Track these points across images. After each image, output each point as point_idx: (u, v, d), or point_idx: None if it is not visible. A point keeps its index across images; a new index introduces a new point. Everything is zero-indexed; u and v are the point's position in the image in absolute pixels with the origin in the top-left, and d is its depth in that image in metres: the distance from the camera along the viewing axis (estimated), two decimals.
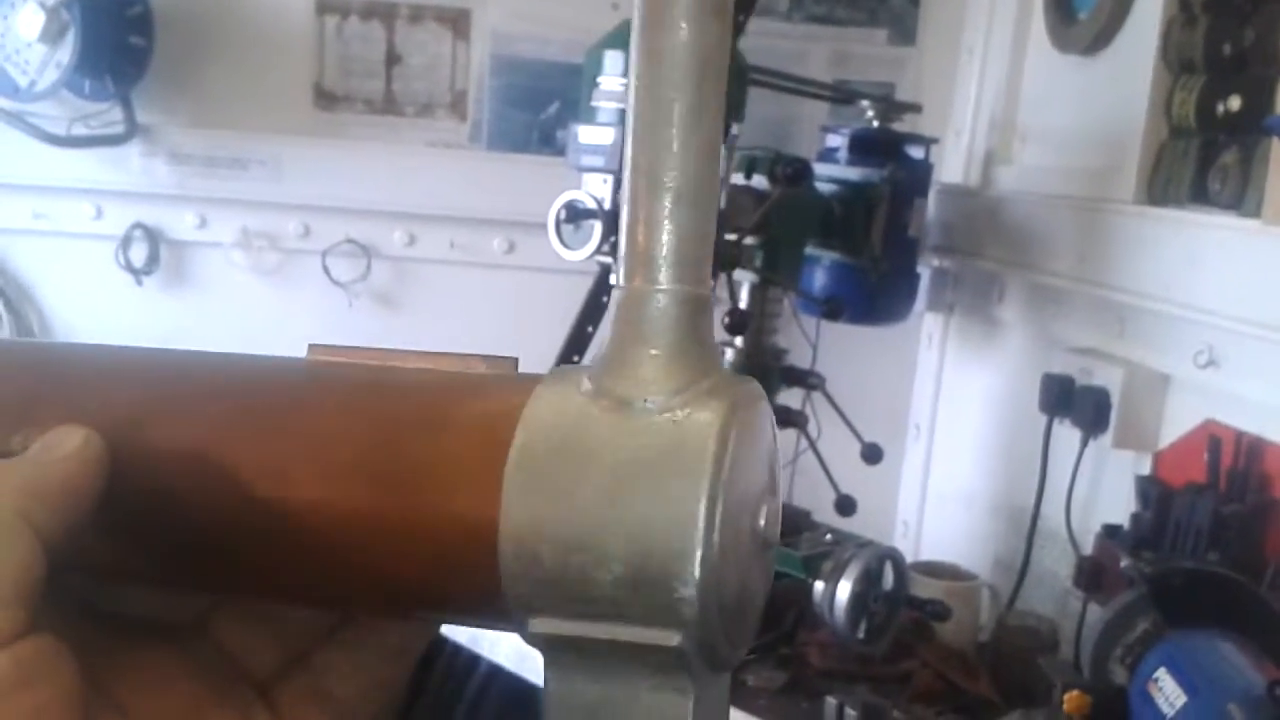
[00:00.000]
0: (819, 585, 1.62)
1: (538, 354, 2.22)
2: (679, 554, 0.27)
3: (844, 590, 1.59)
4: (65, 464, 0.30)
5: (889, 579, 1.67)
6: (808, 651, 1.70)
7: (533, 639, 0.29)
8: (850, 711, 1.50)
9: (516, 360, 0.35)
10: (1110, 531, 1.74)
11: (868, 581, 1.62)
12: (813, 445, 1.97)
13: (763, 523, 0.31)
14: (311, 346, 0.34)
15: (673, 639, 0.28)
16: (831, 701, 1.53)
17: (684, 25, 0.28)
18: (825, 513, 1.89)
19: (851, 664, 1.65)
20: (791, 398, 2.00)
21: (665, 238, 0.30)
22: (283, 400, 0.32)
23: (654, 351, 0.31)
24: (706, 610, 0.28)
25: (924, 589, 1.72)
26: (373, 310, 2.49)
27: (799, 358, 2.06)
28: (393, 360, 0.34)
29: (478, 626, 0.33)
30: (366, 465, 0.31)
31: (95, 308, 2.44)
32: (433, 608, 0.33)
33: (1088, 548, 1.82)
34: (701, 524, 0.27)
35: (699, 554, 0.27)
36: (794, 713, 1.58)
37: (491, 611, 0.30)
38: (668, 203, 0.30)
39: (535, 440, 0.29)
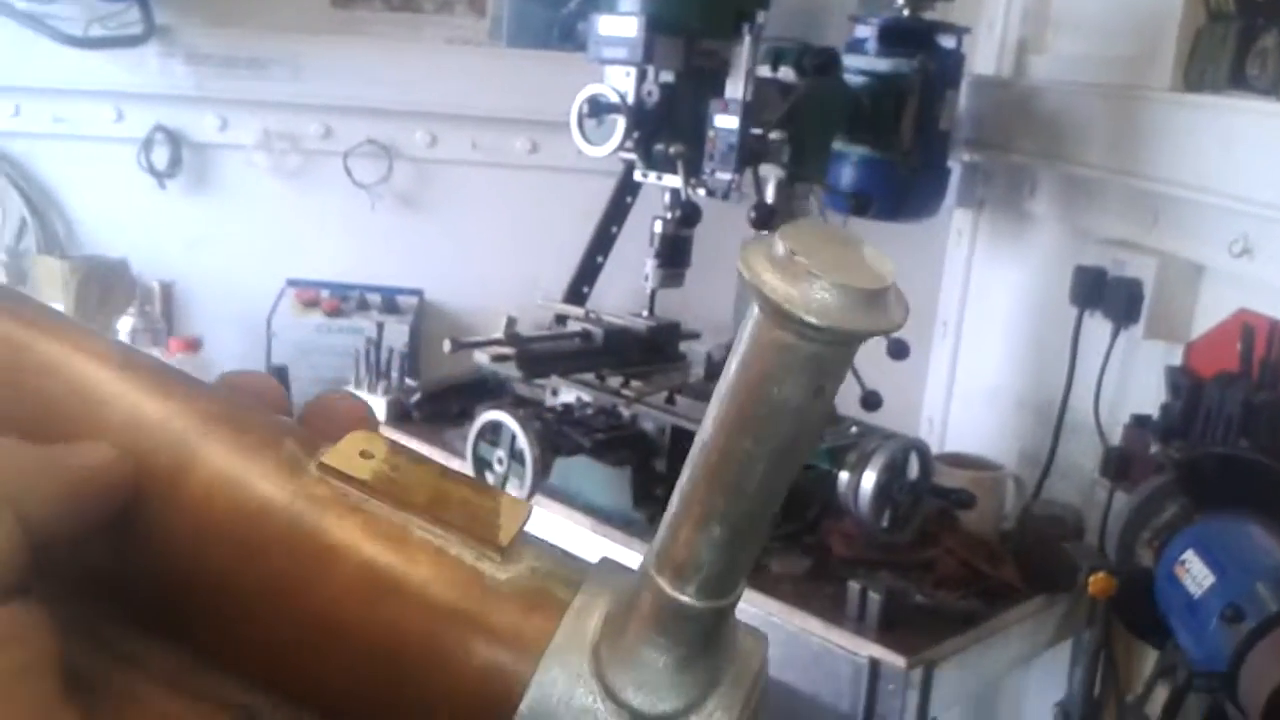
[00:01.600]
0: (844, 475, 1.62)
1: (561, 254, 2.21)
2: None
3: (869, 480, 1.59)
4: (78, 471, 0.29)
5: (914, 469, 1.67)
6: (831, 540, 1.70)
7: None
8: (873, 595, 1.51)
9: (530, 507, 0.33)
10: (1139, 422, 1.72)
11: (893, 471, 1.62)
12: None
13: None
14: (322, 464, 0.31)
15: None
16: (854, 586, 1.54)
17: (789, 393, 0.27)
18: (850, 408, 1.88)
19: (875, 552, 1.66)
20: None
21: (705, 556, 0.29)
22: (277, 566, 0.30)
23: (668, 659, 0.29)
24: None
25: (949, 479, 1.72)
26: (396, 212, 2.48)
27: None
28: (400, 499, 0.31)
29: None
30: (363, 690, 0.30)
31: (120, 212, 2.44)
32: None
33: (1116, 439, 1.81)
34: None
35: None
36: (817, 598, 1.59)
37: None
38: (718, 531, 0.29)
39: None
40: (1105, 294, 1.85)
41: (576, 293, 2.21)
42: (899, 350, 1.92)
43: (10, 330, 0.31)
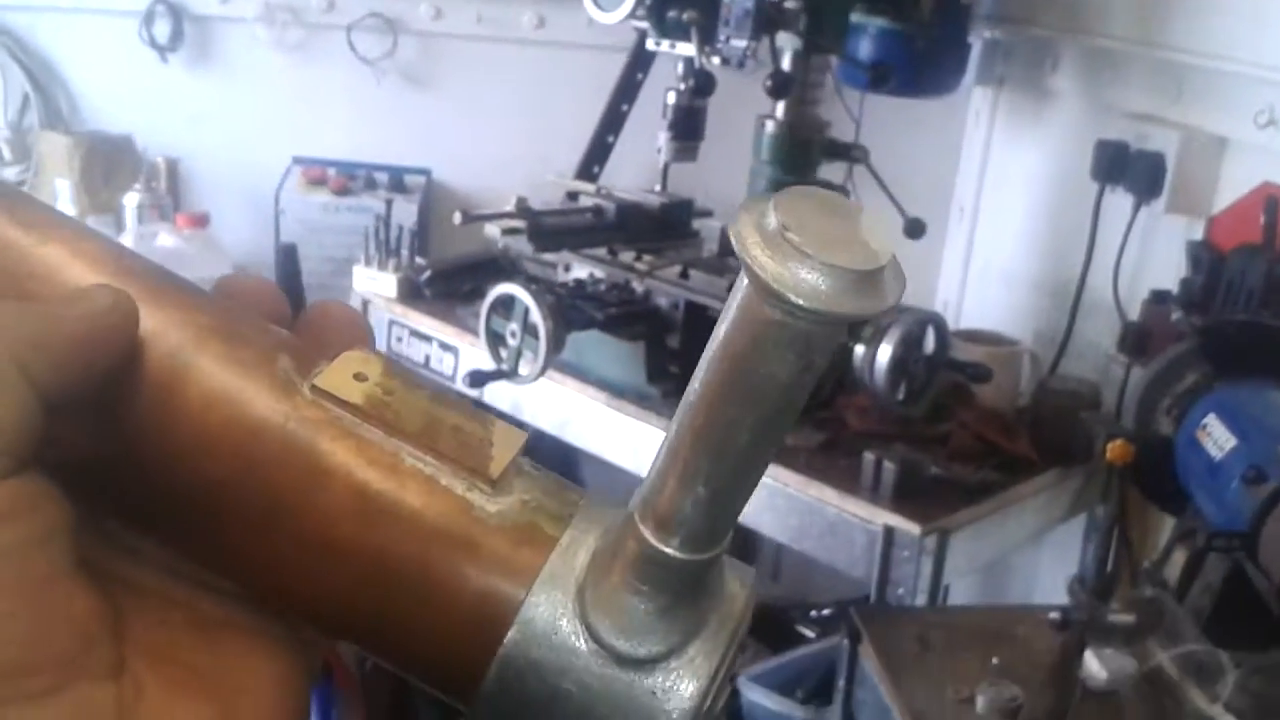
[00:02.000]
0: (859, 349, 1.60)
1: (570, 134, 2.17)
2: None
3: (884, 353, 1.58)
4: (82, 322, 0.28)
5: (930, 343, 1.65)
6: (846, 414, 1.70)
7: None
8: (888, 465, 1.51)
9: (526, 436, 0.32)
10: (1159, 297, 1.71)
11: (909, 345, 1.60)
12: None
13: None
14: (315, 387, 0.30)
15: None
16: (869, 457, 1.54)
17: (775, 368, 0.26)
18: None
19: (889, 425, 1.65)
20: (833, 172, 1.96)
21: (688, 512, 0.28)
22: (275, 477, 0.30)
23: (650, 606, 0.29)
24: None
25: (964, 354, 1.71)
26: (401, 89, 2.43)
27: (841, 133, 2.00)
28: (392, 425, 0.30)
29: None
30: (357, 610, 0.30)
31: (122, 87, 2.39)
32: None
33: (1134, 316, 1.79)
34: None
35: None
36: (832, 469, 1.59)
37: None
38: (702, 491, 0.28)
39: (518, 658, 0.29)
40: (1127, 169, 1.82)
41: (587, 172, 2.17)
42: (915, 229, 1.89)
43: (10, 234, 0.31)
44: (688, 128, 1.87)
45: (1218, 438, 1.23)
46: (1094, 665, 1.14)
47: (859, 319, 0.25)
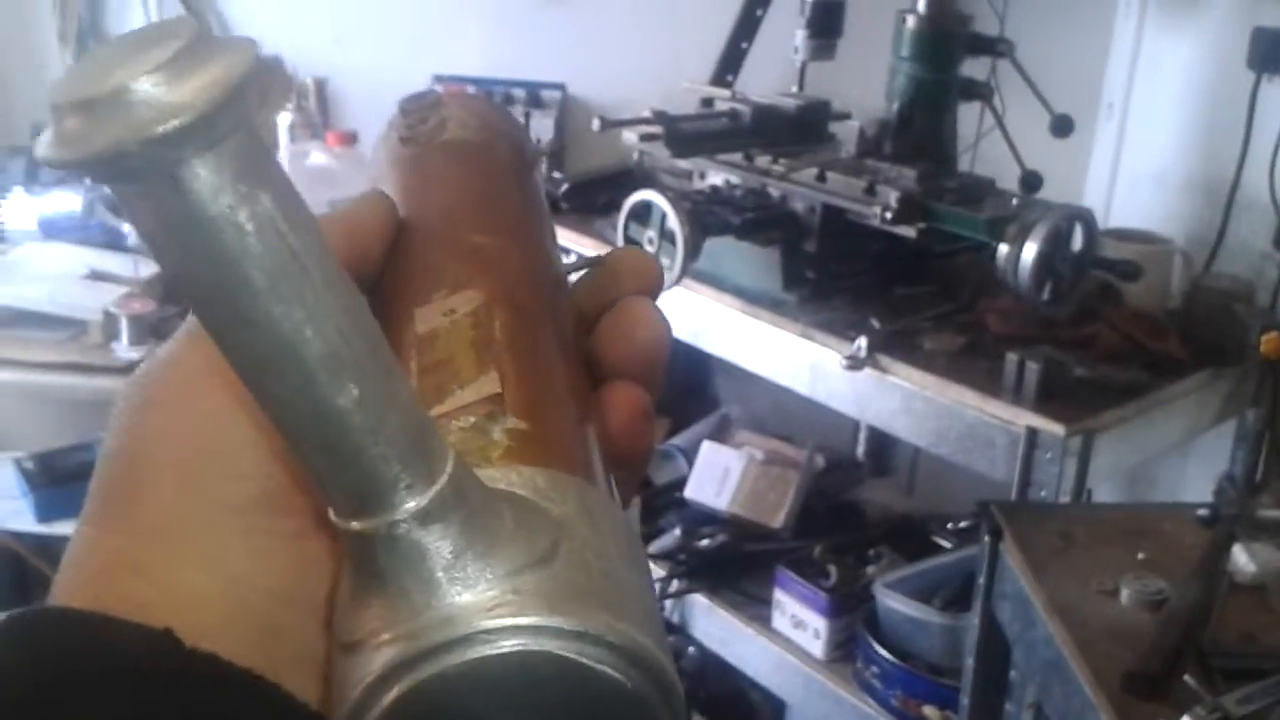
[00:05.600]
0: (1003, 248, 1.58)
1: (704, 43, 2.16)
2: None
3: (1030, 251, 1.55)
4: (356, 209, 0.35)
5: (1078, 240, 1.61)
6: (987, 318, 1.67)
7: None
8: (1031, 365, 1.48)
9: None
10: None
11: (1056, 242, 1.57)
12: (999, 121, 1.89)
13: None
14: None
15: None
16: (1012, 358, 1.51)
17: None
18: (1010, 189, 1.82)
19: (1034, 328, 1.62)
20: (977, 68, 1.90)
21: (344, 465, 0.24)
22: None
23: (375, 600, 0.25)
24: None
25: (1114, 252, 1.66)
26: (535, 4, 2.45)
27: (985, 27, 1.94)
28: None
29: None
30: None
31: (269, 9, 2.46)
32: None
33: None
34: None
35: None
36: (972, 372, 1.57)
37: None
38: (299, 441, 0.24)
39: None
40: None
41: (721, 80, 2.16)
42: (1063, 126, 1.84)
43: None
44: (826, 24, 1.85)
45: None
46: (1242, 559, 1.12)
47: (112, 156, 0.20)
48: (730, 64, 2.18)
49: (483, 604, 0.24)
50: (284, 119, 2.27)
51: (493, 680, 0.24)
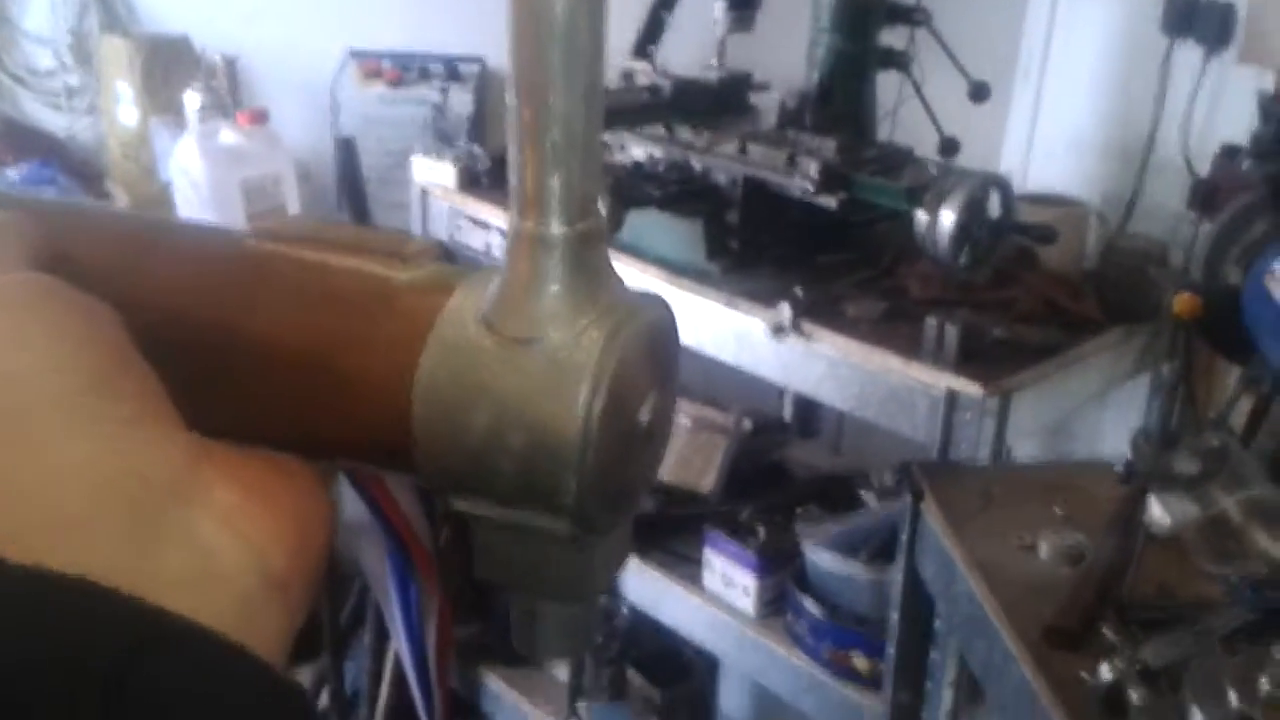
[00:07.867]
0: (921, 215, 1.59)
1: (623, 14, 2.13)
2: (556, 480, 0.31)
3: (947, 218, 1.56)
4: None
5: (994, 206, 1.63)
6: (908, 283, 1.69)
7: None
8: (950, 328, 1.50)
9: (437, 246, 0.36)
10: (1229, 151, 1.66)
11: (972, 208, 1.58)
12: (917, 89, 1.90)
13: (646, 419, 0.34)
14: (254, 224, 0.35)
15: (561, 527, 0.32)
16: (931, 322, 1.53)
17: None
18: (928, 155, 1.84)
19: (953, 292, 1.64)
20: (895, 37, 1.91)
21: (554, 182, 0.31)
22: (229, 297, 0.34)
23: (543, 292, 0.32)
24: (585, 509, 0.32)
25: (1030, 216, 1.68)
26: None
27: None
28: (326, 245, 0.35)
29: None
30: (296, 378, 0.34)
31: None
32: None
33: (1204, 173, 1.75)
34: (575, 456, 0.31)
35: (574, 482, 0.31)
36: (894, 337, 1.59)
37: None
38: (551, 150, 0.31)
39: (437, 370, 0.32)
40: (1196, 19, 1.77)
41: (642, 51, 2.15)
42: (980, 92, 1.86)
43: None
44: None
45: None
46: (1157, 511, 1.15)
47: None
48: (651, 35, 2.17)
49: (629, 294, 0.34)
50: (192, 99, 2.21)
51: (649, 342, 0.34)
